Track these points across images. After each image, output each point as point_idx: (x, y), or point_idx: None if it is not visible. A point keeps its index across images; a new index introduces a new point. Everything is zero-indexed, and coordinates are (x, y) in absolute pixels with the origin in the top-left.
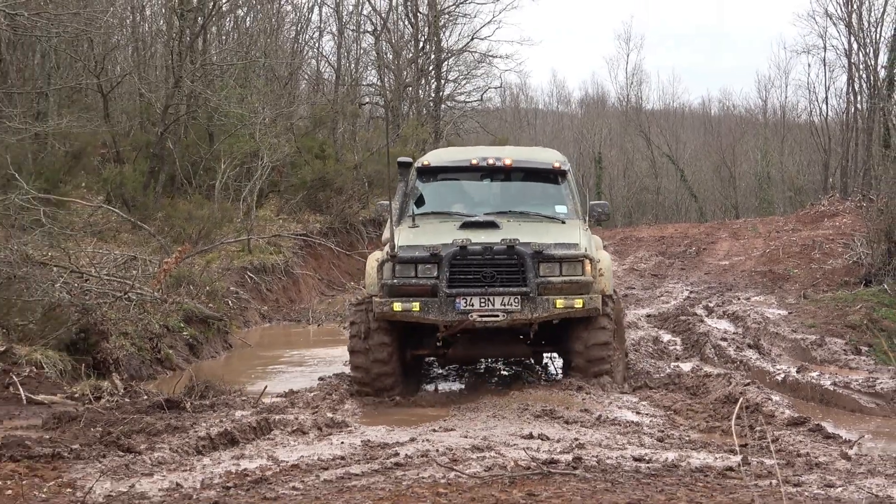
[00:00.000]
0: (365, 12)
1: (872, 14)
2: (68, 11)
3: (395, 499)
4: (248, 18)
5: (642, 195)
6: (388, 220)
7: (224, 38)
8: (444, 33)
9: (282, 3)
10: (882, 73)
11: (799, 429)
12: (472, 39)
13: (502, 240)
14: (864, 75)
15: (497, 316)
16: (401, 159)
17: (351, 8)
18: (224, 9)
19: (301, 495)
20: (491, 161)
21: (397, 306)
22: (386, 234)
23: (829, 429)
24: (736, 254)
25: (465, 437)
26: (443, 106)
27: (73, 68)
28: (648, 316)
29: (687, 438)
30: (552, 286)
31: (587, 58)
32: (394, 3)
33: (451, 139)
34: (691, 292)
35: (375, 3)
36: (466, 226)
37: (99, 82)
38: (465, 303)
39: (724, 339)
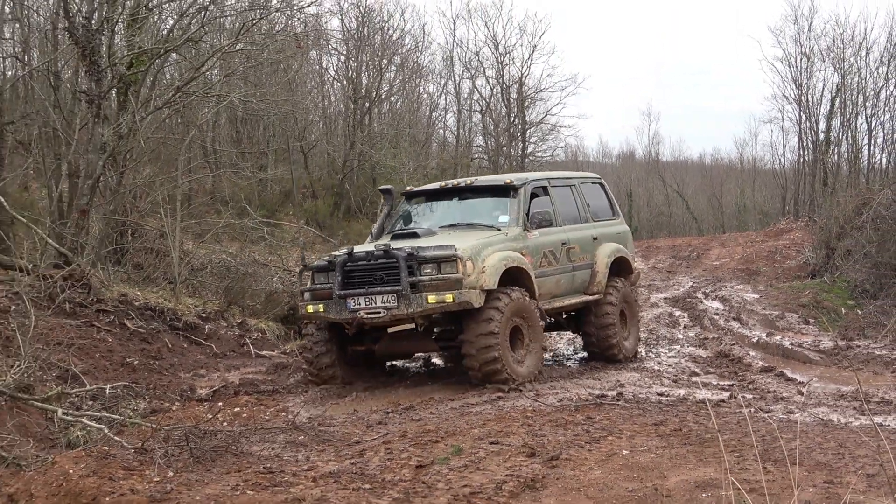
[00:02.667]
0: (475, 98)
1: (814, 97)
2: (281, 98)
3: (498, 420)
4: (398, 102)
5: (659, 218)
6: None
7: (382, 115)
8: (527, 111)
9: (420, 93)
10: (822, 136)
11: (768, 374)
12: (546, 115)
13: (376, 246)
14: (809, 137)
15: (379, 313)
16: (381, 187)
17: (466, 95)
18: (382, 97)
19: (435, 417)
20: (456, 182)
21: (310, 308)
22: None
23: (789, 374)
24: (724, 257)
25: (546, 380)
26: (526, 160)
27: (284, 135)
28: (665, 299)
29: (693, 380)
30: (424, 284)
31: (623, 126)
32: (494, 92)
33: None
34: (694, 283)
35: (482, 91)
36: (395, 237)
37: (301, 145)
38: (354, 302)
39: (717, 314)
